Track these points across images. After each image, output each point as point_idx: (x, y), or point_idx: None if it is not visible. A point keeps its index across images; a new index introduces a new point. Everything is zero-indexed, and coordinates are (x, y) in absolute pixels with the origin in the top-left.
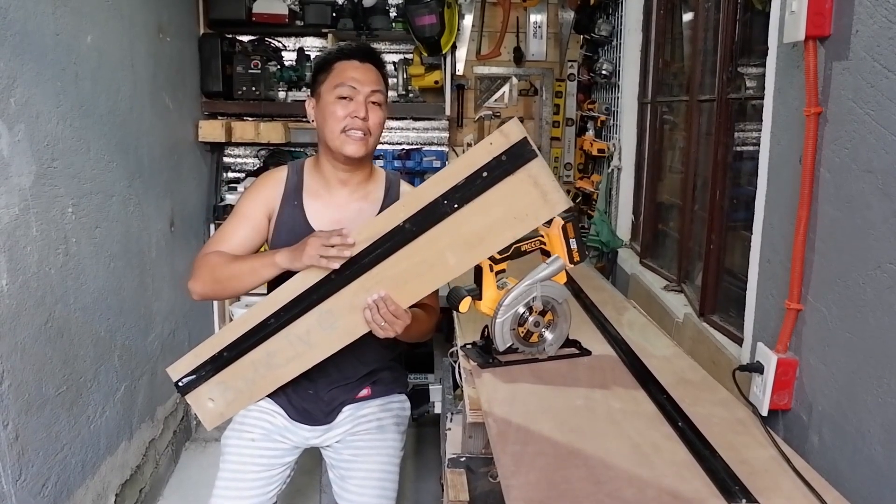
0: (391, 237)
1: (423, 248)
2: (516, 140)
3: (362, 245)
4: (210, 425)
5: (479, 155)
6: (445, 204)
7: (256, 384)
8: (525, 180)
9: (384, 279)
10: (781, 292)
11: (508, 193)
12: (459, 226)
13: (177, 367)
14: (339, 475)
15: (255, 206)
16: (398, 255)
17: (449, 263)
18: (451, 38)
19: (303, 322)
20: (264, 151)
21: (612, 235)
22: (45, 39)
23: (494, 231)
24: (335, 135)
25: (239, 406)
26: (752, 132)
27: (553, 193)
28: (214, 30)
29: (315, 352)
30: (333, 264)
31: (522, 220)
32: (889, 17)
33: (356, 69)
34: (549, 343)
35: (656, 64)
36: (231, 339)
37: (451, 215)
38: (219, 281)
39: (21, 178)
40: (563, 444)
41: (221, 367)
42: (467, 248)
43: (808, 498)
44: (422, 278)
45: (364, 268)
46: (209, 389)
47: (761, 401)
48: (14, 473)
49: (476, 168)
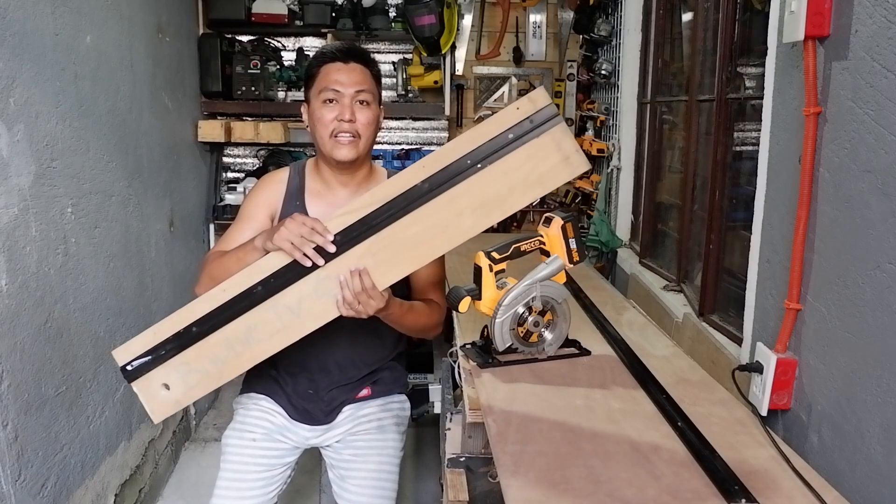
0: (407, 197)
1: (438, 209)
2: (542, 105)
3: (374, 206)
4: (159, 417)
5: (506, 118)
6: (469, 163)
7: (228, 364)
8: (549, 143)
9: (394, 242)
10: (781, 292)
11: (532, 156)
12: (480, 186)
13: (127, 347)
14: (339, 475)
15: (258, 208)
16: (411, 217)
17: (464, 225)
18: (450, 38)
19: (294, 290)
20: (264, 151)
21: (612, 235)
22: (44, 39)
23: (514, 193)
24: (325, 140)
25: (200, 392)
26: (751, 132)
27: (575, 156)
28: (214, 30)
29: (304, 323)
30: (305, 260)
31: (543, 182)
32: (888, 17)
33: (339, 71)
34: (549, 343)
35: (656, 64)
36: (204, 311)
37: (473, 175)
38: (215, 278)
39: (20, 178)
40: (563, 443)
41: (187, 344)
42: (485, 211)
43: (807, 497)
44: (434, 241)
45: (374, 229)
46: (166, 373)
47: (761, 400)
48: (13, 473)
49: (503, 130)
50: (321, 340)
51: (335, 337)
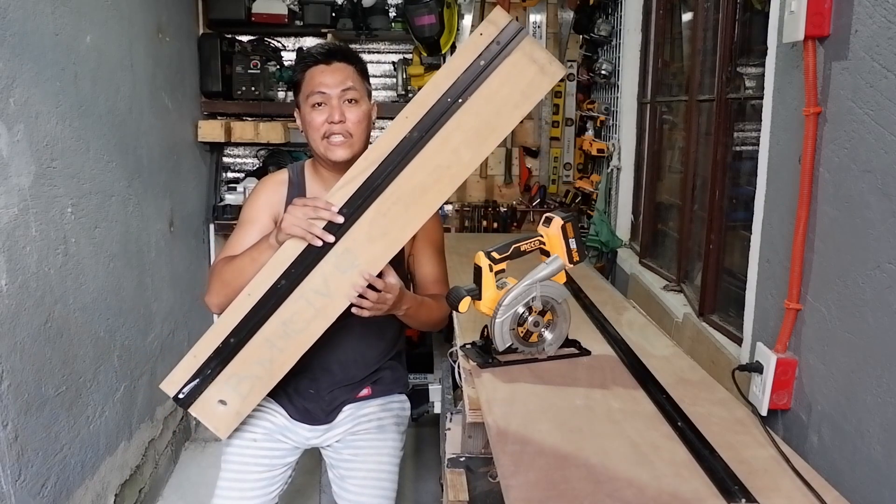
0: (400, 151)
1: (435, 152)
2: (504, 24)
3: (371, 169)
4: (226, 431)
5: (473, 46)
6: (450, 101)
7: (275, 362)
8: (522, 58)
9: (401, 196)
10: (781, 292)
11: (509, 75)
12: (468, 119)
13: (172, 378)
14: (339, 475)
15: (261, 210)
16: (410, 169)
17: (464, 160)
18: (450, 38)
19: (317, 273)
20: (264, 151)
21: (612, 235)
22: (44, 39)
23: (503, 115)
24: (318, 143)
25: (257, 397)
26: (751, 132)
27: (549, 65)
28: (214, 30)
29: (337, 301)
30: (317, 241)
31: (528, 96)
32: (888, 17)
33: (323, 73)
34: (549, 343)
35: (656, 64)
36: (235, 321)
37: (457, 111)
38: (226, 283)
39: (20, 179)
40: (563, 443)
41: (229, 357)
42: (480, 140)
43: (807, 497)
44: (440, 184)
45: (377, 191)
46: (218, 390)
47: (761, 400)
48: (13, 473)
49: (473, 59)
50: (324, 339)
51: (339, 336)
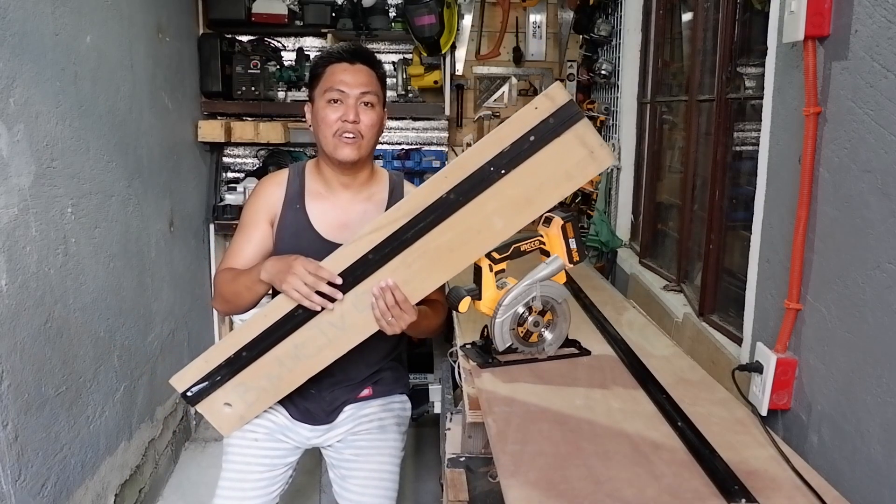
0: (434, 209)
1: (469, 215)
2: (562, 103)
3: (402, 220)
4: (228, 430)
5: (526, 119)
6: (493, 170)
7: (283, 379)
8: (572, 140)
9: (428, 251)
10: (781, 292)
11: (556, 154)
12: (507, 190)
13: (183, 376)
14: (340, 475)
15: (258, 214)
16: (443, 226)
17: (496, 228)
18: (450, 39)
19: (336, 308)
20: (264, 151)
21: (612, 235)
22: (44, 39)
23: (543, 192)
24: (328, 139)
25: (261, 406)
26: (751, 132)
27: (600, 150)
28: (214, 30)
29: (350, 336)
30: (315, 307)
31: (571, 178)
32: (888, 17)
33: (345, 71)
34: (549, 343)
35: (655, 64)
36: (249, 337)
37: (498, 181)
38: (227, 300)
39: (20, 179)
40: (563, 444)
41: (240, 368)
42: (516, 211)
43: (807, 497)
44: (468, 245)
45: (406, 243)
46: (225, 395)
47: (761, 400)
48: (13, 473)
49: (523, 132)
50: None
51: None
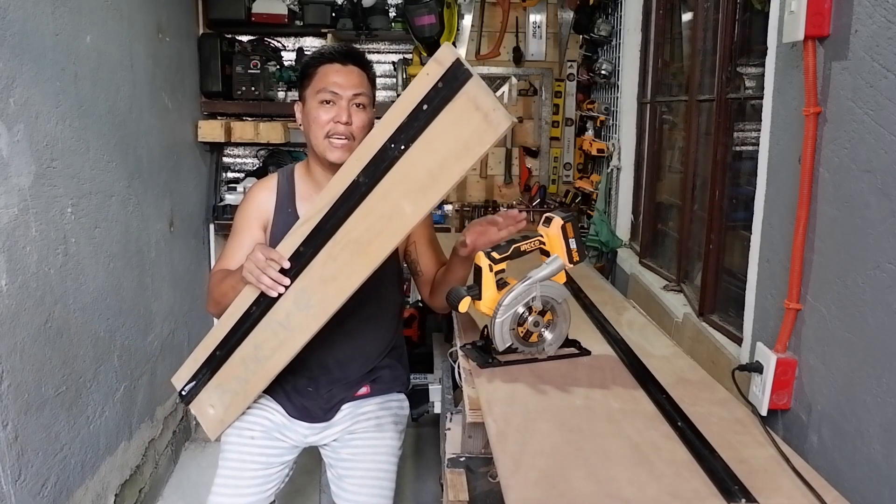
0: (348, 196)
1: (378, 202)
2: (450, 63)
3: (325, 210)
4: (213, 434)
5: (419, 88)
6: (392, 148)
7: (249, 382)
8: (465, 104)
9: (349, 243)
10: (781, 292)
11: (451, 122)
12: (410, 169)
13: (179, 375)
14: (337, 474)
15: (250, 220)
16: (356, 215)
17: (406, 213)
18: (450, 38)
19: (281, 306)
20: (264, 151)
21: (612, 235)
22: (44, 39)
23: (445, 167)
24: (319, 140)
25: (236, 410)
26: (751, 132)
27: (494, 113)
28: (214, 30)
29: (297, 336)
30: (269, 291)
31: (470, 149)
32: (888, 17)
33: (338, 72)
34: (549, 343)
35: (655, 64)
36: (221, 335)
37: (399, 159)
38: (217, 301)
39: (20, 179)
40: (563, 444)
41: (216, 367)
42: (421, 193)
43: (807, 497)
44: (382, 235)
45: (327, 234)
46: (208, 395)
47: (760, 400)
48: (14, 473)
49: (416, 102)
50: (320, 338)
51: (335, 334)
